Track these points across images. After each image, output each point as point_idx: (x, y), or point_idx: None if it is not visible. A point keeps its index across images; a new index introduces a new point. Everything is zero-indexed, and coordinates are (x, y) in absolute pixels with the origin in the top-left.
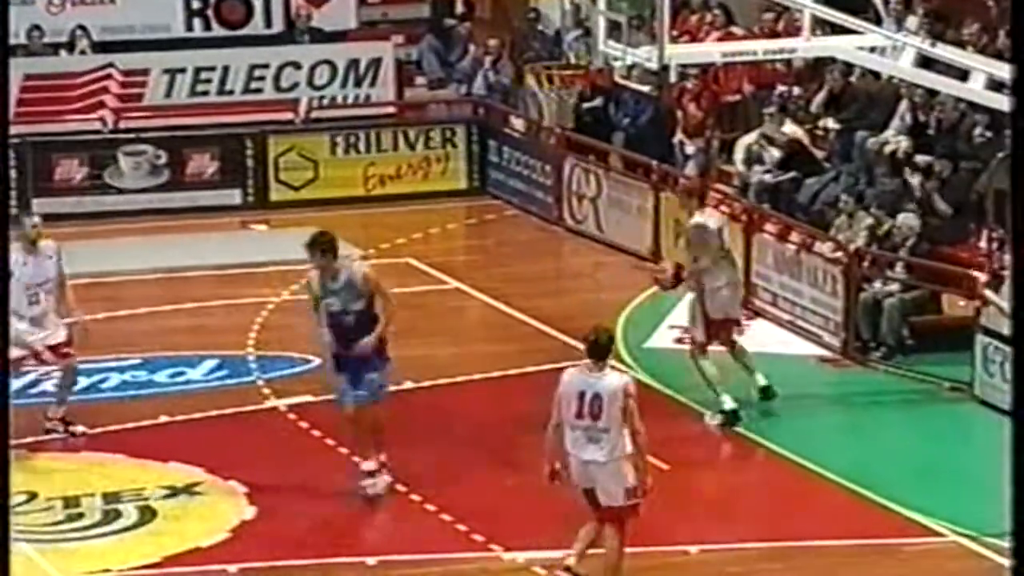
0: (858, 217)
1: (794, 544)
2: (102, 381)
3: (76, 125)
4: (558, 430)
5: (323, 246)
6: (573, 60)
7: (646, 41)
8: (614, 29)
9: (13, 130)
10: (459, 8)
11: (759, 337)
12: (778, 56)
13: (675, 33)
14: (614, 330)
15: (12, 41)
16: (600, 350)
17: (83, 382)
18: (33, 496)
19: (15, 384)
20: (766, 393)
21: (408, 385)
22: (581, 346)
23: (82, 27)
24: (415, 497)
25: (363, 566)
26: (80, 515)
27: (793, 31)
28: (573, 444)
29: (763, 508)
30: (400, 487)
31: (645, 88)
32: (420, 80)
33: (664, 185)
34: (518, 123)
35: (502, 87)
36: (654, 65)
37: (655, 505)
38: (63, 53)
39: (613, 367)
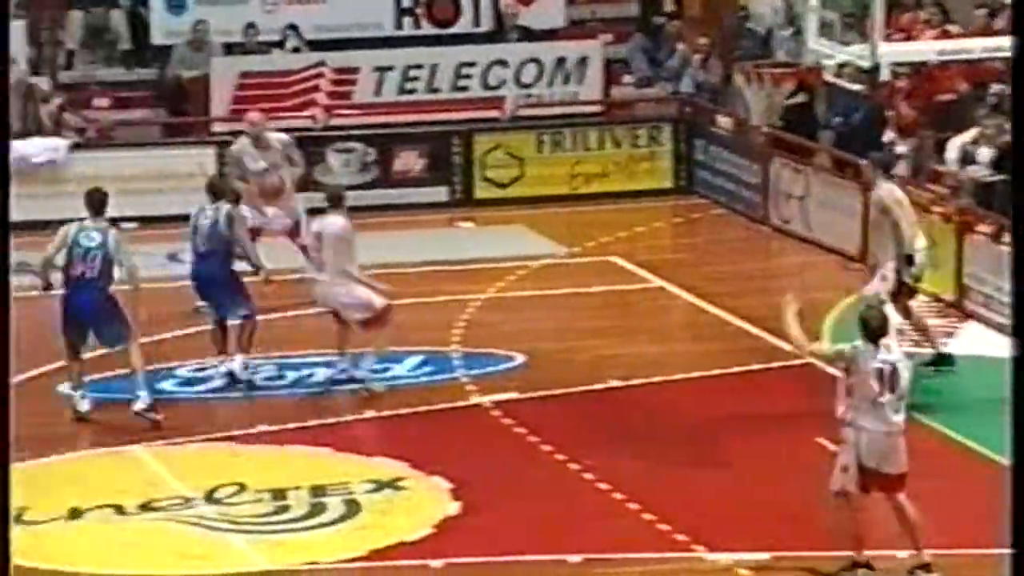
0: None
1: None
2: (309, 376)
3: (288, 122)
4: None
5: None
6: (783, 58)
7: (858, 39)
8: (825, 27)
9: (230, 127)
10: (668, 6)
11: (971, 340)
12: (996, 55)
13: (888, 31)
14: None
15: (228, 39)
16: (875, 332)
17: (290, 376)
18: (242, 488)
19: (223, 379)
20: (946, 361)
21: (613, 383)
22: (786, 346)
23: (294, 26)
24: (618, 496)
25: (566, 564)
26: (287, 508)
27: (1009, 29)
28: (876, 420)
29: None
30: (603, 485)
31: (856, 87)
32: (627, 78)
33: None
34: (725, 121)
35: (710, 86)
36: (866, 63)
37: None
38: (276, 51)
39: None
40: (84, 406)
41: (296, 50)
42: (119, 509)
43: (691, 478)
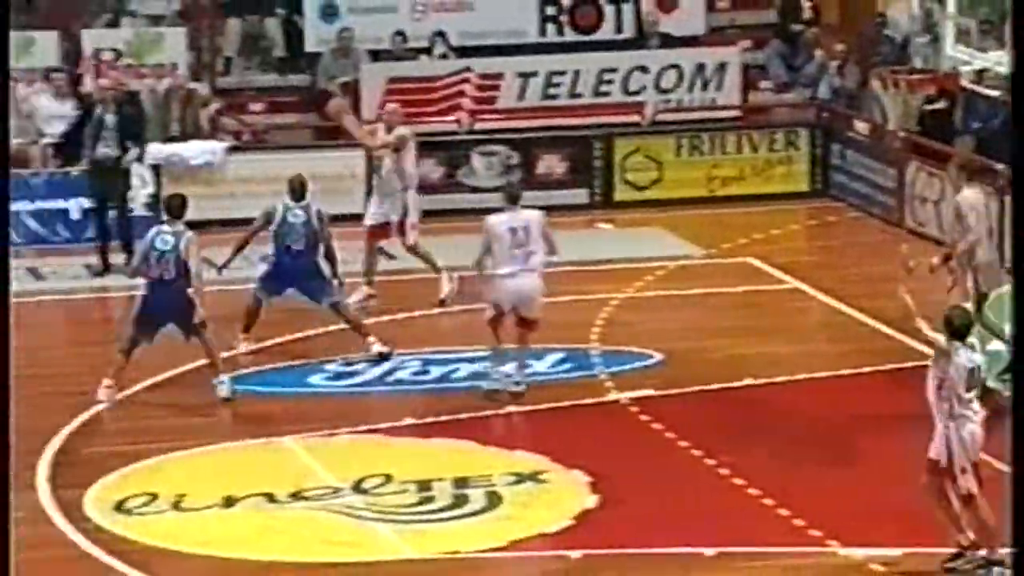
0: None
1: None
2: (453, 372)
3: (434, 126)
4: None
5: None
6: (920, 65)
7: (995, 46)
8: (962, 34)
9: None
10: (806, 14)
11: None
12: None
13: None
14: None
15: (377, 46)
16: (959, 330)
17: (435, 372)
18: (389, 479)
19: (374, 372)
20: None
21: (748, 382)
22: (922, 347)
23: (441, 33)
24: (753, 491)
25: (701, 556)
26: (432, 498)
27: None
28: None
29: None
30: (738, 481)
31: (995, 93)
32: (765, 84)
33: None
34: (862, 126)
35: (847, 91)
36: (1004, 69)
37: None
38: (424, 57)
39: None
40: (101, 395)
41: (443, 56)
42: (271, 498)
43: (825, 475)
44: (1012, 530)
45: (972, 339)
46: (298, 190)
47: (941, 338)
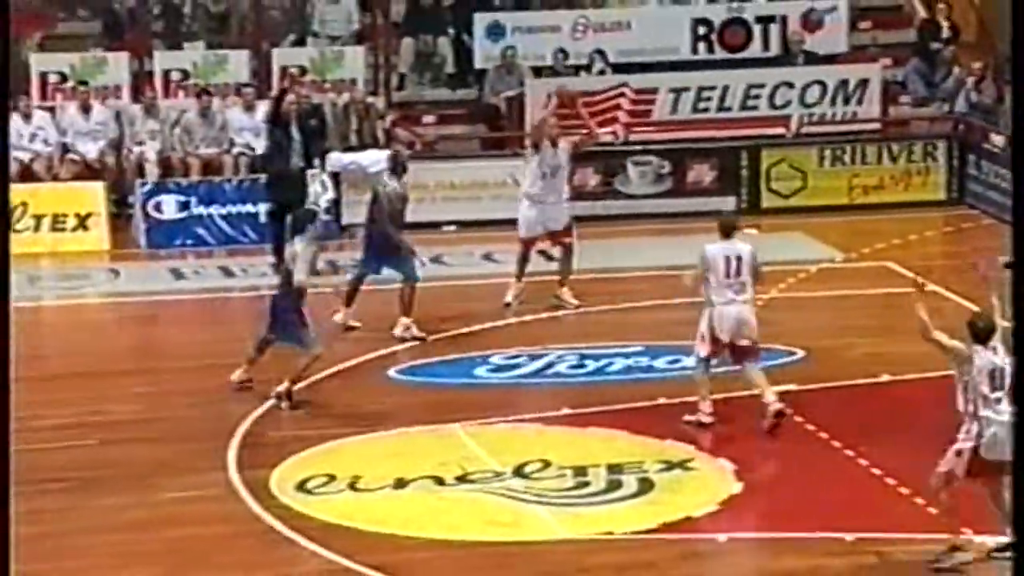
0: None
1: None
2: (608, 365)
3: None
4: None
5: None
6: None
7: None
8: None
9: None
10: (945, 33)
11: None
12: None
13: None
14: None
15: (540, 63)
16: (982, 331)
17: (591, 365)
18: (547, 464)
19: (534, 365)
20: None
21: (885, 378)
22: None
23: (600, 51)
24: (890, 481)
25: (842, 542)
26: (587, 483)
27: None
28: (996, 413)
29: None
30: (876, 471)
31: None
32: (904, 99)
33: None
34: (998, 139)
35: (984, 106)
36: None
37: None
38: (583, 73)
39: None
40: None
41: (601, 72)
42: (439, 480)
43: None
44: (1012, 530)
45: (995, 343)
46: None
47: (961, 344)
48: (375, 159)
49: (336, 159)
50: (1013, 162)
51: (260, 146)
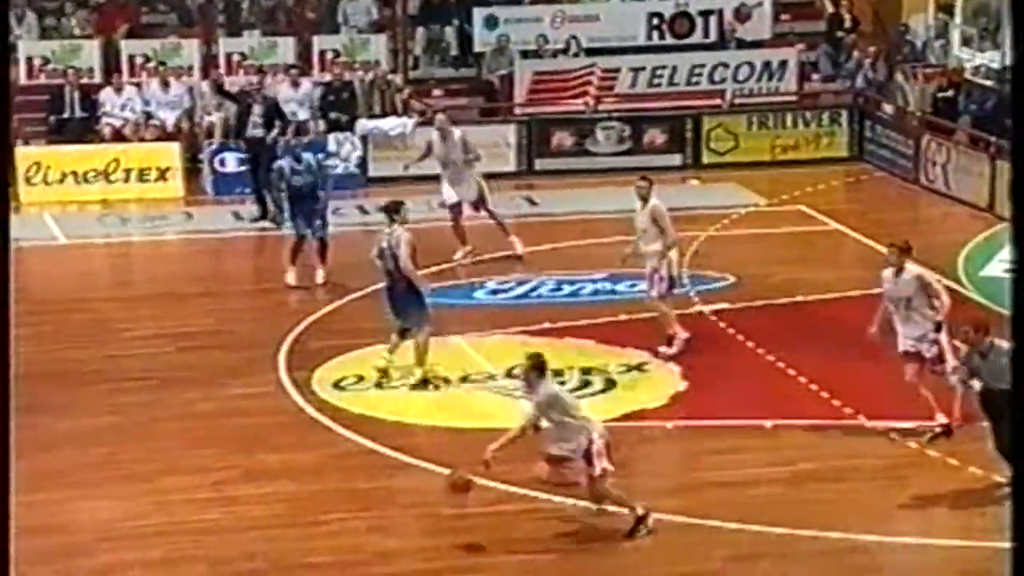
0: None
1: None
2: (580, 289)
3: (567, 107)
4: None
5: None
6: (933, 61)
7: (991, 47)
8: (967, 39)
9: (526, 110)
10: (848, 23)
11: None
12: None
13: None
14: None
15: (525, 47)
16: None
17: (566, 289)
18: None
19: (521, 289)
20: None
21: (800, 298)
22: (930, 273)
23: (575, 37)
24: (802, 379)
25: (762, 428)
26: (563, 382)
27: None
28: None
29: None
30: (791, 372)
31: (989, 83)
32: (815, 76)
33: (999, 156)
34: (888, 108)
35: (878, 82)
36: (996, 65)
37: None
38: (561, 56)
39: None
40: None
41: (575, 55)
42: (445, 380)
43: (857, 368)
44: (1012, 529)
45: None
46: (390, 213)
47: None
48: (394, 124)
49: (363, 125)
50: (1013, 162)
51: (303, 114)
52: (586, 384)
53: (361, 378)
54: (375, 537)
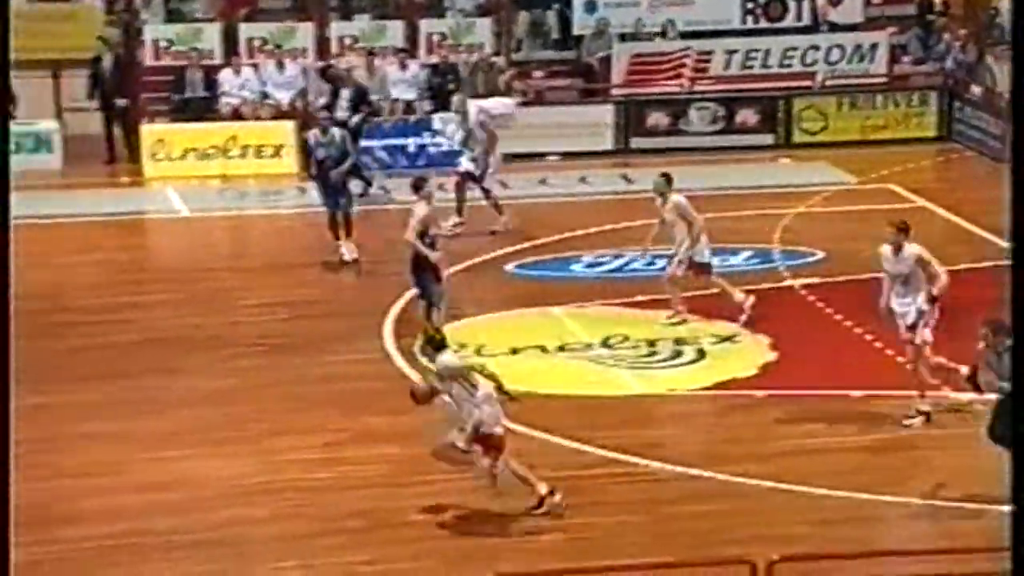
0: None
1: None
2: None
3: (663, 88)
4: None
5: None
6: None
7: None
8: None
9: (624, 91)
10: (938, 7)
11: None
12: None
13: None
14: None
15: (623, 30)
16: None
17: (659, 263)
18: (626, 338)
19: (617, 263)
20: None
21: None
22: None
23: (671, 21)
24: (889, 352)
25: (849, 397)
26: (656, 352)
27: None
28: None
29: None
30: (878, 344)
31: None
32: (906, 59)
33: None
34: (977, 90)
35: (967, 64)
36: None
37: None
38: (657, 39)
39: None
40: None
41: (671, 38)
42: (543, 349)
43: (939, 340)
44: (1012, 528)
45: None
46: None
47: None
48: (498, 104)
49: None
50: (1013, 163)
51: (410, 95)
52: (678, 354)
53: (463, 346)
54: (477, 498)
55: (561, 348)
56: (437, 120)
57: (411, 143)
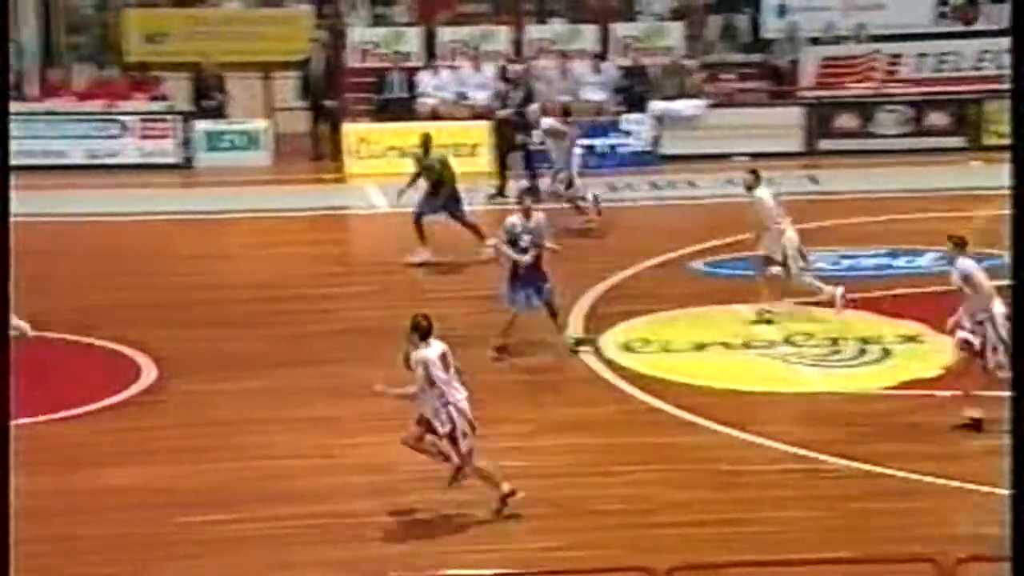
0: None
1: None
2: (859, 263)
3: (852, 91)
4: None
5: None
6: None
7: None
8: None
9: (812, 93)
10: None
11: None
12: None
13: None
14: None
15: (813, 34)
16: (955, 248)
17: (845, 263)
18: (810, 336)
19: (801, 264)
20: None
21: None
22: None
23: (861, 25)
24: None
25: None
26: (839, 351)
27: None
28: None
29: None
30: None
31: None
32: None
33: None
34: None
35: None
36: None
37: None
38: (847, 43)
39: None
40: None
41: (861, 41)
42: (727, 346)
43: None
44: (1012, 528)
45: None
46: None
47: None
48: (688, 106)
49: (657, 106)
50: (1012, 161)
51: (602, 97)
52: (862, 352)
53: (648, 341)
54: (661, 489)
55: (745, 345)
56: (625, 121)
57: (600, 143)
